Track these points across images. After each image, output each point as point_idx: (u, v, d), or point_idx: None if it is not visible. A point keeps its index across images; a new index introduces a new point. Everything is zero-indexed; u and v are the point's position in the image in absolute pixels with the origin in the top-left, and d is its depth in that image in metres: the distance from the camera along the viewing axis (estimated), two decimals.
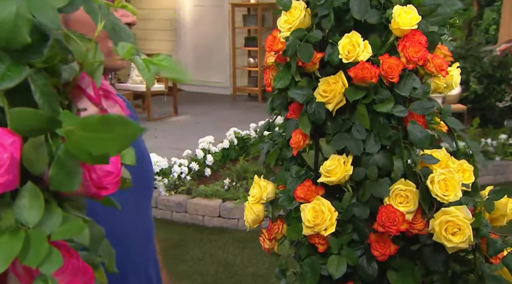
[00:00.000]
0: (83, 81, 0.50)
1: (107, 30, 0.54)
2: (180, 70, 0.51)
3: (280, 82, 1.26)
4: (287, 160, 1.42)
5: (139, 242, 1.05)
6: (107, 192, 0.50)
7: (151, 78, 0.49)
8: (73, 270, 0.46)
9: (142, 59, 0.49)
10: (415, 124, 1.18)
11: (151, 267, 1.09)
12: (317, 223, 1.20)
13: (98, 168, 0.48)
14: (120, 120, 0.42)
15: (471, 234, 1.07)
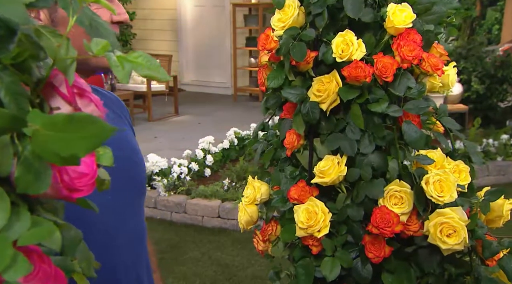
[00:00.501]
0: (56, 78, 0.48)
1: (84, 25, 0.52)
2: (156, 68, 0.49)
3: (273, 81, 1.24)
4: (281, 161, 1.40)
5: (131, 244, 1.03)
6: (81, 195, 0.48)
7: (125, 76, 0.47)
8: (44, 276, 0.44)
9: (116, 56, 0.48)
10: (410, 124, 1.16)
11: (143, 270, 1.07)
12: (310, 225, 1.18)
13: (70, 169, 0.47)
14: (89, 119, 0.40)
15: (466, 236, 1.06)
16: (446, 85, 1.32)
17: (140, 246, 1.08)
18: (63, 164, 0.41)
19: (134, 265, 1.03)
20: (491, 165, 5.23)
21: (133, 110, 7.25)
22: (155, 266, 1.28)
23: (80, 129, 0.40)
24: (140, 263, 1.06)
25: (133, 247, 1.04)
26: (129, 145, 1.06)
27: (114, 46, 0.50)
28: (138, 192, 1.06)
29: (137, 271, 1.06)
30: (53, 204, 0.51)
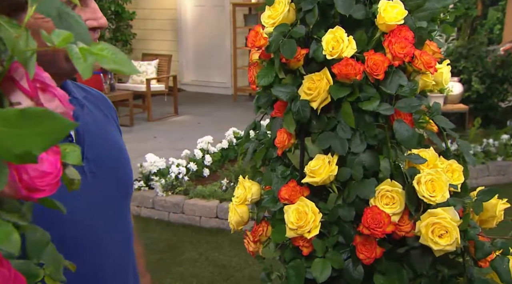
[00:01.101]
0: (16, 72, 0.46)
1: (52, 17, 0.50)
2: (122, 61, 0.47)
3: (263, 79, 1.22)
4: (272, 160, 1.38)
5: (118, 245, 1.01)
6: (43, 195, 0.46)
7: (87, 70, 0.45)
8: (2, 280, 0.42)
9: (79, 48, 0.45)
10: (402, 123, 1.14)
11: (130, 272, 1.05)
12: (300, 225, 1.16)
13: (30, 168, 0.45)
14: (44, 114, 0.38)
15: (458, 236, 1.03)
16: (439, 83, 1.30)
17: (127, 248, 1.06)
18: (18, 162, 0.39)
19: (121, 267, 1.01)
20: (491, 165, 5.20)
21: (132, 110, 7.23)
22: (143, 268, 1.26)
23: (34, 125, 0.37)
24: (127, 265, 1.04)
25: (120, 249, 1.02)
26: (116, 145, 1.04)
27: (85, 40, 0.48)
28: (125, 192, 1.04)
29: (124, 273, 1.04)
30: (16, 205, 0.49)
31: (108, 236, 0.99)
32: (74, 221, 0.90)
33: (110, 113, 1.07)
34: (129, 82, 8.07)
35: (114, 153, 1.01)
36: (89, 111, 1.02)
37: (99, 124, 1.03)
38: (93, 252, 0.93)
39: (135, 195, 4.46)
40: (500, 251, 1.04)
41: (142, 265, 1.25)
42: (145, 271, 1.26)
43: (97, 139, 0.98)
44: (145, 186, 4.56)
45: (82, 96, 1.03)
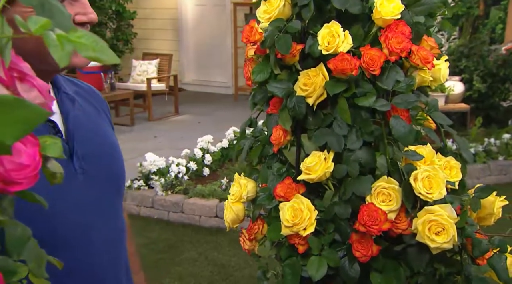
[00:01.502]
0: None
1: (33, 4, 0.48)
2: (102, 49, 0.46)
3: (259, 75, 1.21)
4: (268, 157, 1.37)
5: (111, 243, 0.99)
6: (19, 188, 0.45)
7: (64, 58, 0.43)
8: None
9: (56, 35, 0.44)
10: (398, 119, 1.12)
11: (122, 271, 1.03)
12: (296, 223, 1.15)
13: (6, 160, 0.43)
14: (17, 102, 0.37)
15: (455, 234, 1.02)
16: (437, 79, 1.28)
17: (120, 245, 1.04)
18: None
19: (113, 264, 0.99)
20: (492, 165, 5.17)
21: (133, 110, 7.22)
22: (137, 266, 1.24)
23: (5, 114, 0.36)
24: (119, 262, 1.02)
25: (112, 245, 1.00)
26: (108, 141, 1.02)
27: (64, 28, 0.46)
28: (118, 189, 1.02)
29: (116, 270, 1.02)
30: None
31: (100, 233, 0.98)
32: (66, 218, 0.89)
33: (102, 108, 1.06)
34: (129, 82, 8.06)
35: (106, 148, 1.00)
36: (80, 106, 1.00)
37: (91, 119, 1.01)
38: (85, 249, 0.92)
39: (135, 195, 4.45)
40: (498, 249, 1.02)
41: (136, 262, 1.23)
42: (139, 269, 1.24)
43: (88, 134, 0.97)
44: (145, 185, 4.55)
45: (73, 91, 1.02)
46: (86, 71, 6.79)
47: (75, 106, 0.98)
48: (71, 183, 0.89)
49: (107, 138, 1.02)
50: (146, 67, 8.02)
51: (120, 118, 7.56)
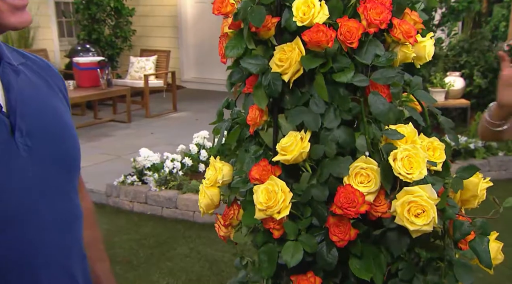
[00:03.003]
0: None
1: None
2: None
3: (232, 50, 1.15)
4: (246, 140, 1.31)
5: (58, 224, 0.90)
6: None
7: None
8: None
9: None
10: (378, 96, 1.06)
11: (73, 259, 0.94)
12: (269, 206, 1.09)
13: None
14: None
15: (435, 215, 0.96)
16: (422, 58, 1.21)
17: (72, 228, 0.94)
18: None
19: (63, 246, 0.90)
20: (492, 160, 5.08)
21: (130, 106, 7.16)
22: (102, 254, 1.17)
23: None
24: (71, 246, 0.93)
25: (62, 228, 0.90)
26: (59, 118, 0.93)
27: None
28: (69, 170, 0.93)
29: (64, 257, 0.91)
30: None
31: (47, 214, 0.88)
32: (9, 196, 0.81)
33: (56, 84, 0.97)
34: (127, 78, 7.99)
35: (56, 127, 0.90)
36: (27, 79, 0.91)
37: (40, 94, 0.92)
38: (31, 229, 0.84)
39: (128, 190, 4.40)
40: (480, 231, 0.96)
41: (101, 250, 1.16)
42: (105, 257, 1.17)
43: (35, 110, 0.88)
44: (139, 181, 4.49)
45: (19, 62, 0.93)
46: (82, 67, 6.74)
47: (19, 78, 0.89)
48: (12, 160, 0.82)
49: (59, 116, 0.93)
50: (144, 63, 7.95)
51: (117, 115, 7.51)
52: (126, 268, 3.37)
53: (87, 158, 5.41)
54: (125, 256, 3.54)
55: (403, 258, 1.08)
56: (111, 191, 4.49)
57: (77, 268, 0.92)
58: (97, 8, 8.47)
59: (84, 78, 6.74)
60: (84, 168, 5.20)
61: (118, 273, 3.31)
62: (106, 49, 8.59)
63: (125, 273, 3.31)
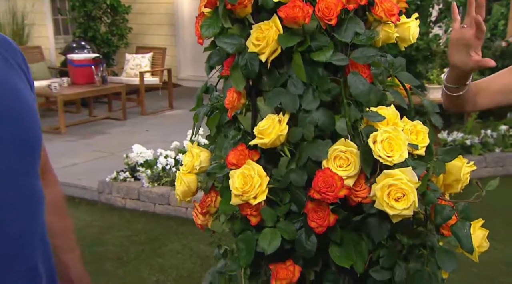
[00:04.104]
0: None
1: None
2: None
3: (208, 29, 1.10)
4: (225, 126, 1.27)
5: (15, 207, 0.82)
6: None
7: None
8: None
9: None
10: (357, 76, 1.02)
11: (35, 246, 0.87)
12: (245, 191, 1.04)
13: None
14: None
15: (416, 199, 0.91)
16: (406, 39, 1.17)
17: (29, 218, 0.87)
18: None
19: (15, 238, 0.82)
20: (489, 157, 5.03)
21: (125, 104, 7.11)
22: (73, 243, 1.11)
23: None
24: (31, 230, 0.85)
25: (19, 211, 0.84)
26: (17, 96, 0.85)
27: None
28: (27, 151, 0.85)
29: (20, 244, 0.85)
30: None
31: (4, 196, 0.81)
32: None
33: (15, 60, 0.89)
34: (122, 76, 7.94)
35: (12, 104, 0.83)
36: None
37: None
38: None
39: (121, 187, 4.35)
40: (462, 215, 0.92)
41: (70, 239, 1.11)
42: (75, 246, 1.12)
43: None
44: (131, 177, 4.44)
45: None
46: (76, 64, 6.69)
47: None
48: None
49: (15, 94, 0.85)
50: (139, 60, 7.90)
51: (112, 113, 7.45)
52: (117, 265, 3.32)
53: (80, 155, 5.36)
54: (116, 253, 3.49)
55: (384, 245, 1.04)
56: (103, 188, 4.44)
57: (37, 254, 0.86)
58: (93, 6, 8.43)
59: (78, 75, 6.69)
60: (77, 165, 5.13)
61: (108, 269, 3.26)
62: (102, 46, 8.55)
63: (115, 269, 3.26)
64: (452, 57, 1.18)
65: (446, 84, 1.26)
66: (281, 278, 1.09)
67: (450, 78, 1.25)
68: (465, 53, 1.16)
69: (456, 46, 1.16)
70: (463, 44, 1.15)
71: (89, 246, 3.56)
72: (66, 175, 4.65)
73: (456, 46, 1.16)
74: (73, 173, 4.75)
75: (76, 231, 3.73)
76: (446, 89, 1.25)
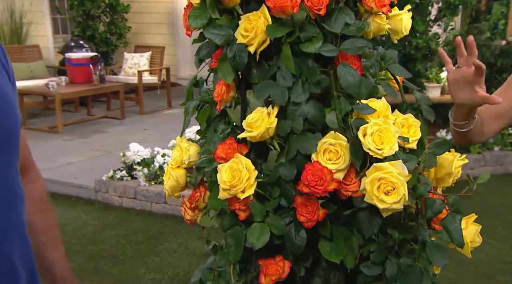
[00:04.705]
0: None
1: None
2: None
3: (196, 20, 1.08)
4: (215, 120, 1.24)
5: None
6: None
7: None
8: None
9: None
10: (347, 67, 1.00)
11: (13, 243, 0.85)
12: (233, 184, 1.02)
13: None
14: None
15: (406, 193, 0.89)
16: (399, 32, 1.15)
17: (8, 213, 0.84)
18: None
19: None
20: (487, 155, 4.99)
21: (123, 103, 7.08)
22: (56, 241, 1.08)
23: None
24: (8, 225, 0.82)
25: None
26: None
27: None
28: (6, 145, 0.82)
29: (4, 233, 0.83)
30: None
31: None
32: None
33: None
34: (121, 74, 7.91)
35: None
36: None
37: None
38: None
39: (117, 185, 4.33)
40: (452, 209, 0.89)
41: (55, 236, 1.08)
42: (59, 242, 1.09)
43: None
44: (128, 176, 4.42)
45: None
46: (74, 63, 6.67)
47: None
48: None
49: None
50: (138, 59, 7.87)
51: (111, 112, 7.43)
52: (112, 263, 3.30)
53: (77, 154, 5.34)
54: (111, 252, 3.47)
55: (375, 240, 1.02)
56: (99, 187, 4.42)
57: (14, 251, 0.84)
58: (91, 4, 8.40)
59: (76, 74, 6.66)
60: (73, 164, 5.10)
61: (102, 268, 3.24)
62: (101, 46, 8.52)
63: (110, 268, 3.24)
64: (456, 97, 1.14)
65: (455, 122, 1.22)
66: (270, 274, 1.07)
67: (458, 116, 1.21)
68: (469, 90, 1.11)
69: (457, 85, 1.12)
70: (465, 82, 1.11)
71: (85, 245, 3.54)
72: (62, 174, 4.63)
73: (457, 85, 1.12)
74: (70, 172, 4.73)
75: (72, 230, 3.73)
76: (456, 127, 1.22)
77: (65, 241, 1.12)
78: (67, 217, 4.01)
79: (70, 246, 3.47)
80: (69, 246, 3.47)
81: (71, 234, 3.67)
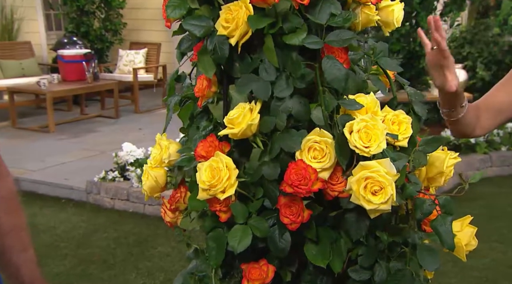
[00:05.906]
0: None
1: None
2: None
3: (174, 11, 1.03)
4: (197, 117, 1.19)
5: None
6: None
7: None
8: None
9: None
10: (333, 60, 0.94)
11: None
12: (213, 184, 0.97)
13: None
14: None
15: (394, 193, 0.84)
16: (390, 24, 1.10)
17: None
18: None
19: None
20: (494, 156, 4.84)
21: (117, 101, 7.00)
22: (25, 243, 1.01)
23: None
24: None
25: None
26: None
27: None
28: None
29: None
30: None
31: None
32: None
33: None
34: (116, 72, 7.83)
35: None
36: None
37: None
38: None
39: (109, 187, 4.25)
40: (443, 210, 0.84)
41: (22, 238, 1.01)
42: (28, 245, 1.02)
43: None
44: (120, 177, 4.33)
45: None
46: (67, 60, 6.60)
47: None
48: None
49: None
50: (133, 56, 7.79)
51: (105, 110, 7.35)
52: (101, 268, 3.23)
53: (69, 154, 5.26)
54: (102, 255, 3.40)
55: (363, 242, 0.96)
56: (91, 188, 4.34)
57: None
58: (85, 0, 8.30)
59: (69, 71, 6.58)
60: (65, 164, 5.01)
61: (92, 272, 3.17)
62: (95, 42, 8.42)
63: (100, 272, 3.17)
64: (434, 81, 1.09)
65: (441, 108, 1.17)
66: (253, 278, 1.01)
67: (443, 102, 1.15)
68: (443, 74, 1.07)
69: (434, 68, 1.07)
70: (438, 65, 1.06)
71: (74, 248, 3.47)
72: (53, 175, 4.56)
73: (434, 68, 1.07)
74: (61, 173, 4.65)
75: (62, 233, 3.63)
76: (443, 115, 1.17)
77: (53, 244, 1.05)
78: (56, 219, 3.93)
79: (59, 249, 3.40)
80: (57, 250, 3.40)
81: (60, 237, 3.59)
